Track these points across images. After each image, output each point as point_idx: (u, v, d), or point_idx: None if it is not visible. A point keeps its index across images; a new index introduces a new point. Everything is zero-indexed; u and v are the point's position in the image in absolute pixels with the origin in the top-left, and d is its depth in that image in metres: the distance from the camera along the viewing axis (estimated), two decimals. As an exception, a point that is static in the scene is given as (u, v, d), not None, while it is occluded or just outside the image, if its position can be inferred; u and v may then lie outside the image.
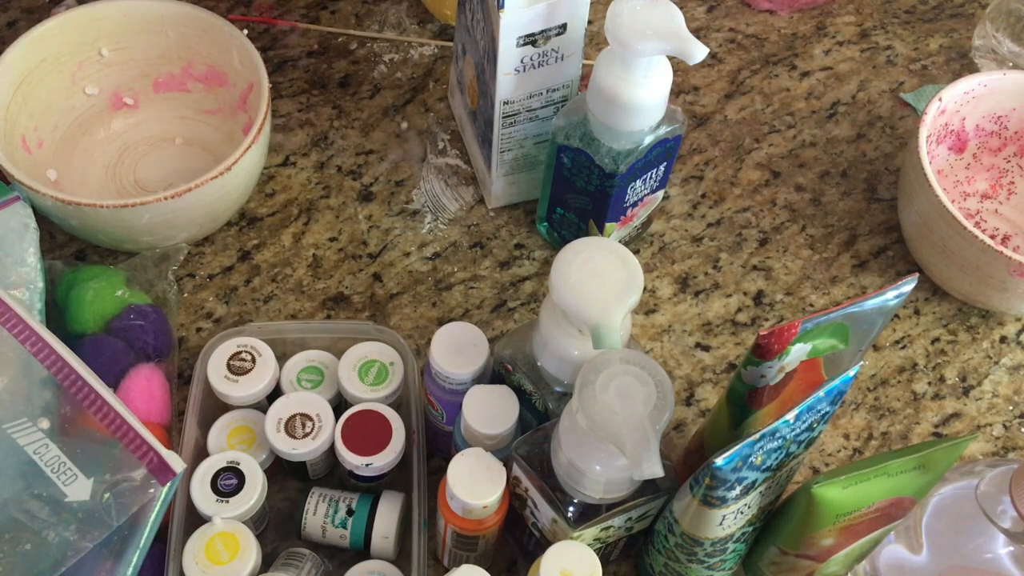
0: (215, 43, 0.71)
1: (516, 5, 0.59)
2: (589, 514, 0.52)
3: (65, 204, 0.62)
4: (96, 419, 0.53)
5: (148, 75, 0.74)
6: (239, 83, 0.71)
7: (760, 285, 0.73)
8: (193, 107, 0.75)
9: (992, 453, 0.68)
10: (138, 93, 0.74)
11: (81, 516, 0.51)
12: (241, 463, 0.58)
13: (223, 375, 0.60)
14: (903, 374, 0.70)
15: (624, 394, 0.47)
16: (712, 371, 0.69)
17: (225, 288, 0.70)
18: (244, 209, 0.73)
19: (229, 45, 0.70)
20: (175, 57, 0.73)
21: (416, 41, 0.82)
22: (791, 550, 0.55)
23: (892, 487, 0.50)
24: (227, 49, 0.70)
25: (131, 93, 0.74)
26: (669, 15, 0.57)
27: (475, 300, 0.70)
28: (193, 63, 0.73)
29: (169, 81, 0.74)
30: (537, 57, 0.62)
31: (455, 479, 0.53)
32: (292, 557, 0.58)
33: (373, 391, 0.60)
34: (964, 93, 0.71)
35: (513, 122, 0.66)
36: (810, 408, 0.49)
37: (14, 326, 0.55)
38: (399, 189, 0.75)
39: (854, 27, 0.86)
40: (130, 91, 0.74)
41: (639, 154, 0.62)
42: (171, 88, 0.75)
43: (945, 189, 0.74)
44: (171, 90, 0.75)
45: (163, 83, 0.74)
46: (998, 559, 0.54)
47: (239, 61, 0.70)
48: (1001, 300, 0.68)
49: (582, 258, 0.52)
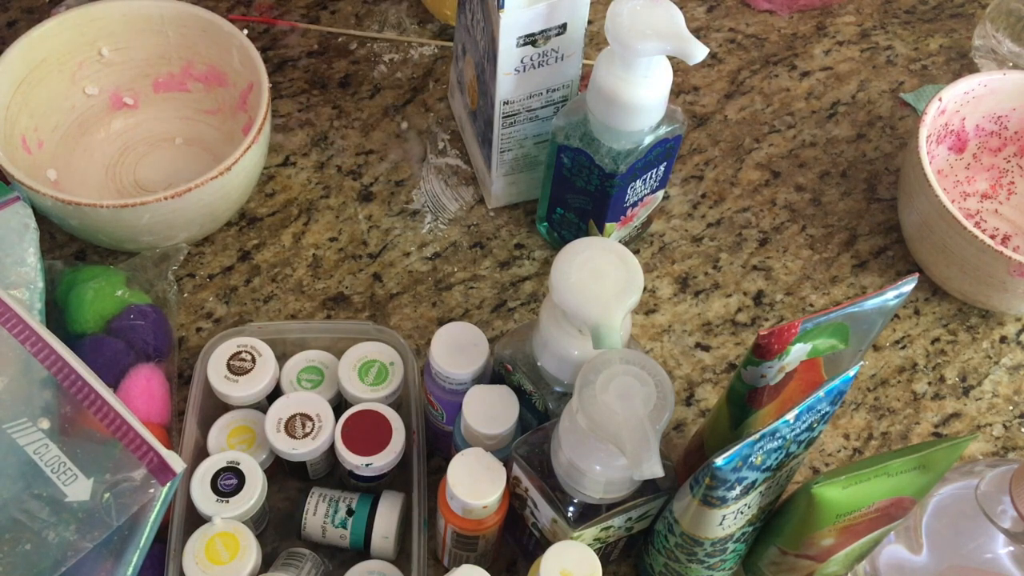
0: (215, 43, 0.71)
1: (516, 5, 0.59)
2: (589, 514, 0.52)
3: (65, 204, 0.62)
4: (96, 419, 0.53)
5: (148, 75, 0.74)
6: (239, 83, 0.71)
7: (760, 285, 0.73)
8: (193, 107, 0.75)
9: (992, 453, 0.68)
10: (138, 93, 0.74)
11: (81, 516, 0.51)
12: (241, 463, 0.58)
13: (223, 375, 0.60)
14: (903, 374, 0.70)
15: (624, 394, 0.47)
16: (712, 371, 0.69)
17: (225, 288, 0.70)
18: (244, 209, 0.73)
19: (229, 45, 0.70)
20: (175, 57, 0.73)
21: (416, 41, 0.82)
22: (791, 550, 0.55)
23: (892, 487, 0.50)
24: (227, 49, 0.70)
25: (131, 93, 0.74)
26: (669, 15, 0.57)
27: (475, 300, 0.70)
28: (193, 63, 0.73)
29: (169, 81, 0.74)
30: (537, 57, 0.62)
31: (455, 479, 0.53)
32: (292, 557, 0.58)
33: (373, 391, 0.60)
34: (964, 93, 0.71)
35: (513, 122, 0.66)
36: (810, 408, 0.49)
37: (14, 326, 0.55)
38: (399, 189, 0.75)
39: (854, 27, 0.86)
40: (130, 91, 0.74)
41: (639, 154, 0.62)
42: (171, 88, 0.75)
43: (945, 189, 0.74)
44: (171, 90, 0.75)
45: (163, 83, 0.74)
46: (998, 559, 0.54)
47: (239, 61, 0.70)
48: (1001, 300, 0.68)
49: (582, 258, 0.52)
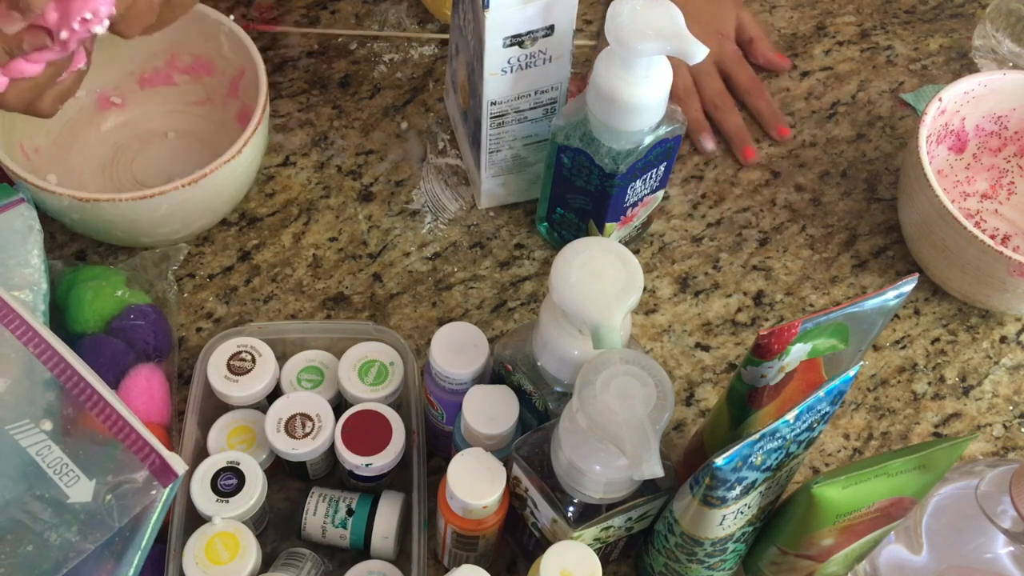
0: (199, 33, 0.71)
1: (501, 5, 0.59)
2: (589, 514, 0.52)
3: (83, 202, 0.62)
4: (98, 421, 0.53)
5: (133, 72, 0.74)
6: (227, 70, 0.71)
7: (760, 285, 0.73)
8: (181, 100, 0.75)
9: (992, 453, 0.68)
10: (124, 91, 0.74)
11: (83, 517, 0.51)
12: (241, 463, 0.58)
13: (223, 375, 0.60)
14: (903, 374, 0.70)
15: (624, 394, 0.47)
16: (712, 371, 0.69)
17: (225, 288, 0.70)
18: (244, 209, 0.73)
19: (216, 33, 0.70)
20: (159, 51, 0.73)
21: (416, 38, 0.82)
22: (791, 550, 0.55)
23: (892, 487, 0.50)
24: (214, 37, 0.70)
25: (117, 92, 0.74)
26: (669, 15, 0.57)
27: (475, 300, 0.71)
28: (178, 55, 0.73)
29: (154, 76, 0.74)
30: (524, 58, 0.62)
31: (455, 479, 0.53)
32: (292, 557, 0.58)
33: (373, 391, 0.60)
34: (964, 93, 0.71)
35: (501, 123, 0.66)
36: (810, 408, 0.49)
37: (17, 327, 0.55)
38: (399, 189, 0.75)
39: (854, 27, 0.86)
40: (116, 90, 0.74)
41: (639, 154, 0.62)
42: (156, 83, 0.74)
43: (945, 189, 0.74)
44: (157, 85, 0.74)
45: (148, 78, 0.74)
46: (998, 559, 0.54)
47: (228, 48, 0.70)
48: (1001, 300, 0.68)
49: (582, 258, 0.52)
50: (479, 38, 0.61)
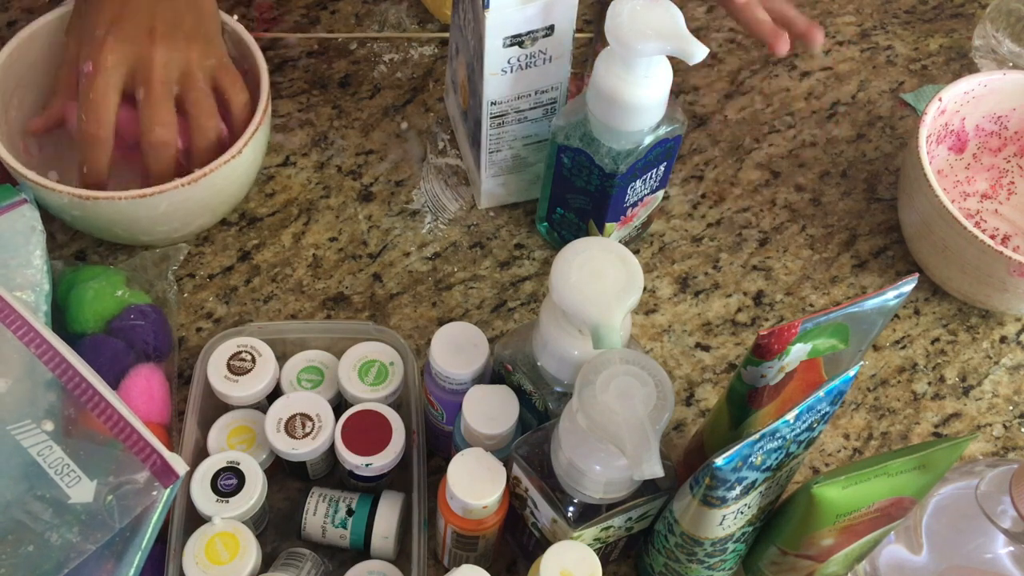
0: None
1: (501, 5, 0.59)
2: (589, 514, 0.53)
3: (84, 200, 0.62)
4: (100, 421, 0.53)
5: None
6: None
7: (760, 285, 0.73)
8: None
9: (992, 453, 0.68)
10: None
11: (84, 518, 0.51)
12: (241, 463, 0.58)
13: (223, 375, 0.60)
14: (903, 374, 0.70)
15: (624, 394, 0.48)
16: (712, 371, 0.69)
17: (225, 288, 0.70)
18: (244, 209, 0.73)
19: None
20: None
21: (416, 38, 0.82)
22: (791, 550, 0.55)
23: (892, 487, 0.50)
24: None
25: None
26: (669, 15, 0.57)
27: (475, 300, 0.71)
28: None
29: None
30: (524, 58, 0.62)
31: (455, 479, 0.53)
32: (292, 557, 0.58)
33: (373, 391, 0.60)
34: (964, 93, 0.71)
35: (501, 123, 0.66)
36: (810, 408, 0.49)
37: (18, 328, 0.55)
38: (399, 189, 0.75)
39: (854, 27, 0.86)
40: None
41: (639, 154, 0.62)
42: None
43: (945, 189, 0.74)
44: None
45: None
46: (998, 559, 0.54)
47: (231, 47, 0.70)
48: (1001, 300, 0.69)
49: (582, 258, 0.52)
50: (479, 38, 0.61)
